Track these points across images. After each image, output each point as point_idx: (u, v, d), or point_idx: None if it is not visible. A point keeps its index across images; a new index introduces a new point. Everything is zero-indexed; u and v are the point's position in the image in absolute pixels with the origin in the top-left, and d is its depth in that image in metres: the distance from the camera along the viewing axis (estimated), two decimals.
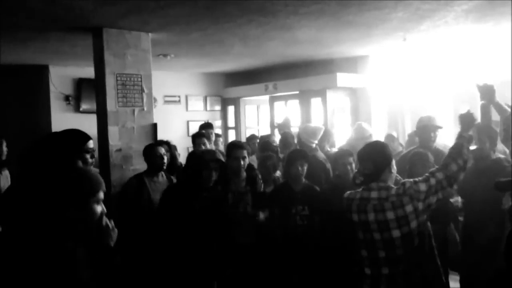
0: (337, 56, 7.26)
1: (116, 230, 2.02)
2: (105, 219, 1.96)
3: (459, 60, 6.57)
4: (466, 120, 2.92)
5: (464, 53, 6.48)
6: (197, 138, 5.49)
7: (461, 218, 3.97)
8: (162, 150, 4.30)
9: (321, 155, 4.82)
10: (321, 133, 5.10)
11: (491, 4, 4.22)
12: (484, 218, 3.50)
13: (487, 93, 3.65)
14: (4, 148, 5.47)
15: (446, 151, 4.42)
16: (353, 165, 3.87)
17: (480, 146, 3.64)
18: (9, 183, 5.14)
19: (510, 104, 3.74)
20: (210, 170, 3.50)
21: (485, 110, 3.76)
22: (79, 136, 2.62)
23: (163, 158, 4.21)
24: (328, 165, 4.61)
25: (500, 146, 4.05)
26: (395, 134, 6.06)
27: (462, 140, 2.80)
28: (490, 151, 3.66)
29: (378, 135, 6.27)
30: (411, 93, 7.16)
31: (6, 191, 2.65)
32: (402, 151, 5.68)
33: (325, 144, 5.46)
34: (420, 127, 4.48)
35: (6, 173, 5.34)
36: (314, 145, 4.88)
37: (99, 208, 1.88)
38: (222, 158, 5.22)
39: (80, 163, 2.45)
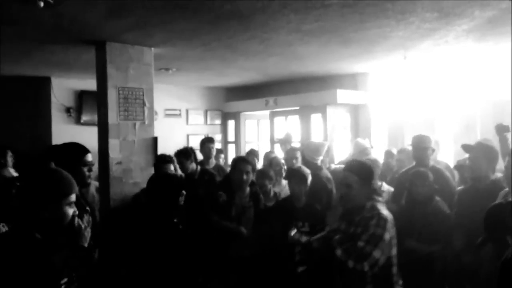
0: (338, 73, 7.31)
1: (89, 229, 2.04)
2: (77, 220, 1.98)
3: (460, 78, 6.63)
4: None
5: (465, 71, 6.53)
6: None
7: None
8: (171, 167, 4.30)
9: (324, 174, 4.76)
10: (325, 149, 5.10)
11: (491, 24, 4.27)
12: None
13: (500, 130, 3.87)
14: (9, 159, 5.41)
15: (445, 170, 4.51)
16: None
17: (477, 166, 3.61)
18: None
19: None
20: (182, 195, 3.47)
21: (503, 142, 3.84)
22: (78, 150, 2.64)
23: None
24: (330, 185, 4.59)
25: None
26: (394, 150, 6.07)
27: None
28: (488, 171, 3.62)
29: (377, 151, 6.29)
30: (411, 110, 7.20)
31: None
32: (399, 169, 5.71)
33: (326, 160, 5.47)
34: (414, 146, 4.46)
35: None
36: (318, 162, 4.87)
37: (71, 210, 1.89)
38: (221, 174, 5.25)
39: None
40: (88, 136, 5.82)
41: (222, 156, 6.87)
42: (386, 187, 4.79)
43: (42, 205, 1.80)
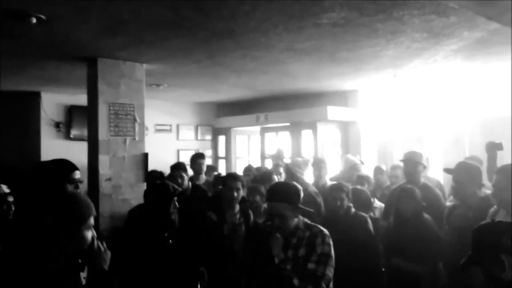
0: (328, 90, 7.37)
1: (108, 252, 2.02)
2: (96, 242, 1.96)
3: (448, 96, 6.72)
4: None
5: (454, 89, 6.63)
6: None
7: None
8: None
9: (312, 188, 4.80)
10: (309, 164, 5.13)
11: (480, 45, 4.35)
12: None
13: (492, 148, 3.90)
14: None
15: (436, 187, 4.54)
16: (345, 201, 3.88)
17: (462, 187, 3.59)
18: None
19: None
20: (174, 204, 3.44)
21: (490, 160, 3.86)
22: (64, 167, 2.62)
23: None
24: (319, 199, 4.61)
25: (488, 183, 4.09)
26: (384, 167, 6.11)
27: None
28: (475, 188, 3.60)
29: (367, 168, 6.33)
30: (400, 127, 7.27)
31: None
32: (389, 185, 5.74)
33: (323, 177, 5.47)
34: (406, 162, 4.49)
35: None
36: (303, 176, 4.88)
37: (90, 234, 1.88)
38: (211, 190, 5.20)
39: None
40: (77, 151, 5.78)
41: (215, 173, 6.82)
42: (378, 204, 4.82)
43: (63, 232, 1.79)
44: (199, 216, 3.94)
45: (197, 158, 6.16)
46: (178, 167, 4.86)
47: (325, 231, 2.73)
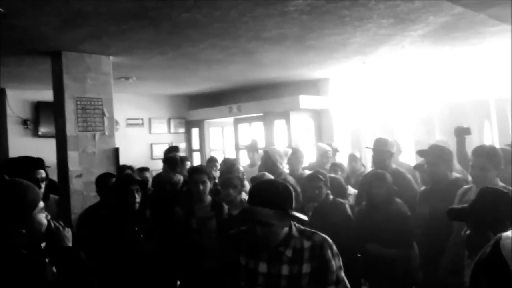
0: (300, 79, 7.38)
1: (68, 229, 1.98)
2: (53, 223, 1.91)
3: (417, 81, 6.81)
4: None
5: (422, 75, 6.71)
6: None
7: None
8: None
9: (291, 179, 4.77)
10: (289, 155, 5.12)
11: (445, 30, 4.40)
12: (444, 240, 3.52)
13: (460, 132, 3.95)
14: None
15: (407, 171, 4.60)
16: (323, 189, 3.89)
17: (435, 168, 3.69)
18: None
19: None
20: (132, 193, 3.45)
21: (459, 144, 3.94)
22: (26, 165, 2.56)
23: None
24: (299, 189, 4.60)
25: (458, 166, 4.17)
26: (357, 154, 6.16)
27: None
28: (446, 171, 3.71)
29: (341, 155, 6.37)
30: (372, 114, 7.34)
31: None
32: (364, 171, 5.80)
33: (299, 167, 5.45)
34: (374, 149, 4.53)
35: None
36: (283, 167, 4.87)
37: (43, 216, 1.84)
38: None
39: None
40: (47, 149, 5.64)
41: (188, 163, 6.76)
42: (352, 190, 4.85)
43: (16, 222, 1.73)
44: (167, 211, 3.91)
45: (172, 151, 6.10)
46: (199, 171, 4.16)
47: (329, 238, 2.26)
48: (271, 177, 4.13)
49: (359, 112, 7.45)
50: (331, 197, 3.97)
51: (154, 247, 3.54)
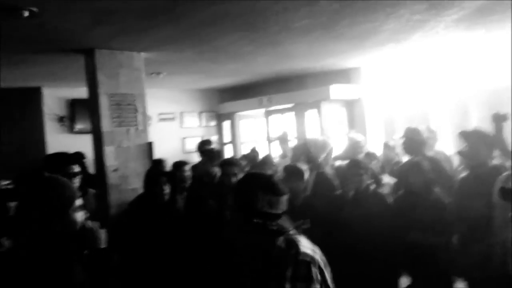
0: (330, 69, 7.29)
1: (102, 230, 1.98)
2: (88, 223, 1.93)
3: (453, 67, 6.62)
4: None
5: (457, 61, 6.52)
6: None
7: None
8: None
9: (329, 172, 4.73)
10: (330, 147, 5.07)
11: (480, 13, 4.25)
12: (481, 225, 3.44)
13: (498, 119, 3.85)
14: None
15: (443, 159, 4.50)
16: (364, 177, 3.85)
17: (476, 152, 3.60)
18: None
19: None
20: (160, 184, 3.49)
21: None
22: (59, 160, 2.61)
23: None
24: (336, 183, 4.55)
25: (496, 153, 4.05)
26: (391, 143, 6.06)
27: None
28: (487, 158, 3.61)
29: (374, 145, 6.28)
30: (405, 102, 7.19)
31: None
32: (398, 160, 5.70)
33: (329, 158, 5.41)
34: (407, 138, 4.46)
35: None
36: (321, 159, 4.83)
37: (79, 215, 1.85)
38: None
39: None
40: (83, 144, 5.80)
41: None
42: (386, 180, 4.78)
43: (52, 219, 1.73)
44: (201, 203, 3.96)
45: (204, 144, 6.16)
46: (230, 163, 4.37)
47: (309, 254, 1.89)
48: (304, 167, 4.12)
49: (392, 100, 7.31)
50: (372, 187, 3.93)
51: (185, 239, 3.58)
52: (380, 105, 7.42)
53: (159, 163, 5.66)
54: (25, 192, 1.81)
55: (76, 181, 3.39)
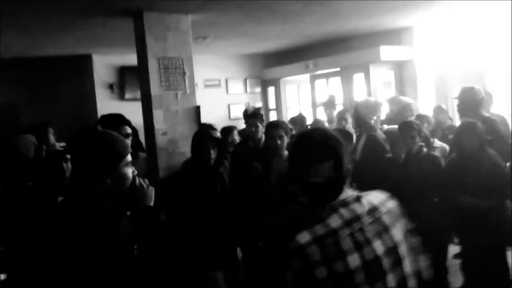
0: (380, 29, 7.03)
1: (152, 188, 1.97)
2: (138, 180, 1.92)
3: (509, 27, 6.22)
4: None
5: None
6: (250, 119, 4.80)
7: None
8: (217, 133, 4.18)
9: (381, 135, 4.60)
10: (382, 108, 4.94)
11: None
12: None
13: None
14: (51, 136, 5.52)
15: (501, 122, 4.29)
16: (417, 139, 3.75)
17: None
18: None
19: None
20: (207, 147, 3.47)
21: None
22: (112, 120, 2.64)
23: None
24: (387, 147, 4.45)
25: None
26: (444, 106, 5.84)
27: None
28: None
29: (425, 108, 6.06)
30: (459, 63, 6.86)
31: None
32: (451, 124, 5.51)
33: (378, 120, 5.30)
34: (461, 99, 4.27)
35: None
36: (372, 122, 4.72)
37: (130, 171, 1.81)
38: None
39: None
40: (132, 112, 5.87)
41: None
42: (438, 143, 4.65)
43: (103, 171, 1.71)
44: (247, 165, 3.95)
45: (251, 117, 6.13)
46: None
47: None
48: (352, 130, 4.04)
49: (445, 62, 6.99)
50: (425, 149, 3.82)
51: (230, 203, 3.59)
52: (432, 67, 7.12)
53: (207, 127, 5.69)
54: (78, 145, 1.80)
55: (129, 142, 3.47)
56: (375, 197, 1.65)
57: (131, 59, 5.36)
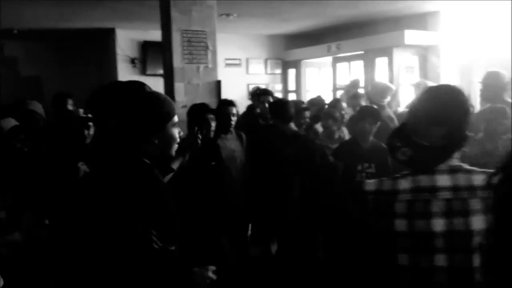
0: (406, 13, 6.93)
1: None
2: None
3: None
4: None
5: None
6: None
7: None
8: (234, 110, 4.25)
9: (386, 113, 4.61)
10: (391, 92, 4.92)
11: None
12: None
13: None
14: (70, 107, 5.53)
15: None
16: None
17: None
18: None
19: None
20: (207, 121, 3.53)
21: None
22: (133, 87, 2.65)
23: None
24: (392, 125, 4.42)
25: None
26: (467, 92, 5.74)
27: None
28: None
29: None
30: (485, 50, 6.72)
31: None
32: (472, 111, 5.41)
33: (392, 104, 5.29)
34: (486, 83, 4.18)
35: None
36: (383, 104, 4.71)
37: (176, 131, 1.81)
38: None
39: None
40: (154, 86, 5.87)
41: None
42: None
43: (150, 132, 1.70)
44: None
45: (263, 94, 6.11)
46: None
47: None
48: (379, 110, 4.01)
49: (471, 48, 6.86)
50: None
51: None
52: (458, 54, 7.00)
53: (225, 102, 5.68)
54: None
55: None
56: (478, 178, 1.52)
57: (154, 34, 5.39)
